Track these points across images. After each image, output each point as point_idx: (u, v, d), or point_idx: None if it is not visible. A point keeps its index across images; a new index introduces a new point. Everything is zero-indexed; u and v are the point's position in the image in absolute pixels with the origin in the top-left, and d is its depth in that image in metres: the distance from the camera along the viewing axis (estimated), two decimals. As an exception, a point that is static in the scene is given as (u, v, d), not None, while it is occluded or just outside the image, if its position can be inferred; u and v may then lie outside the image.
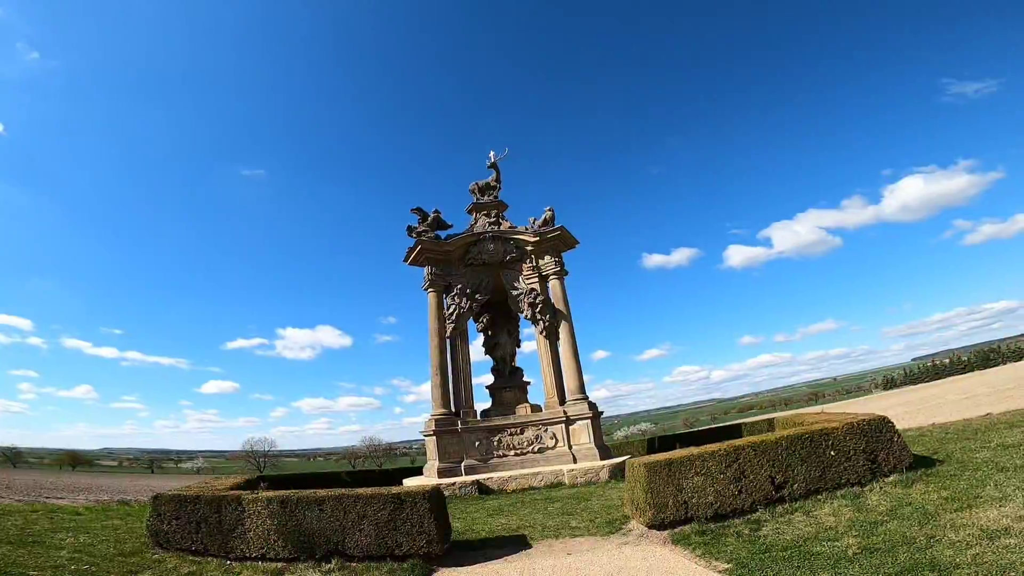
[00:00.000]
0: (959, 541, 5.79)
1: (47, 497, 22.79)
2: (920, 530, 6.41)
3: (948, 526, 6.34)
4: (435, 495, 8.83)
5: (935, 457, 10.38)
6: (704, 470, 8.80)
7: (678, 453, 9.40)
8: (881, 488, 8.67)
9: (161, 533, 9.52)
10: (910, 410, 35.27)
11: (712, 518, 8.54)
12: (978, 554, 5.33)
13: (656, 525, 8.69)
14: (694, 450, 9.32)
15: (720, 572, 6.43)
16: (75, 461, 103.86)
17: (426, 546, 8.29)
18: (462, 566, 8.18)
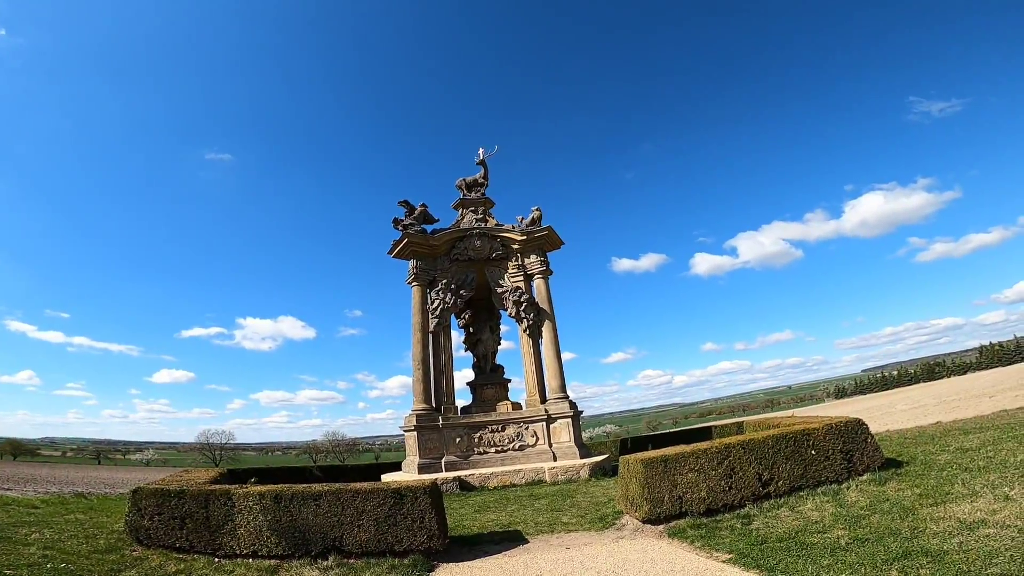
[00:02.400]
0: (941, 532, 6.24)
1: None
2: (903, 523, 6.86)
3: (928, 519, 6.81)
4: (435, 490, 8.82)
5: (900, 459, 11.01)
6: (698, 467, 9.13)
7: (672, 450, 9.72)
8: (857, 486, 9.17)
9: (142, 529, 9.10)
10: (863, 417, 37.15)
11: (704, 513, 8.88)
12: (963, 543, 5.77)
13: (652, 520, 8.96)
14: (687, 448, 9.65)
15: (723, 562, 6.71)
16: (16, 450, 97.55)
17: (427, 541, 8.27)
18: (463, 561, 8.20)
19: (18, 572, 7.08)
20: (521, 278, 21.28)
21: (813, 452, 9.68)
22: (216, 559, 8.44)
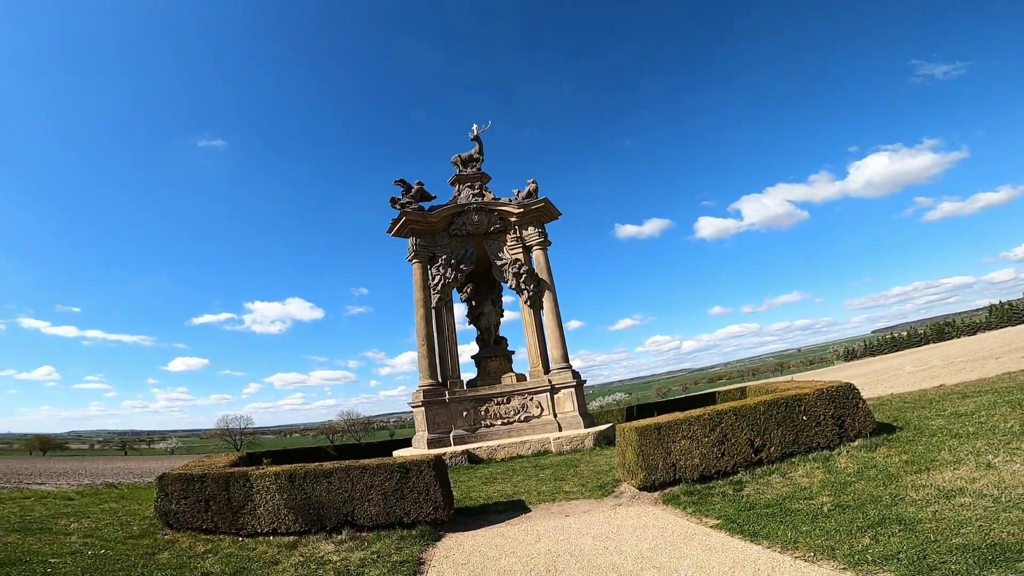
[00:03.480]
0: (920, 500, 6.48)
1: (28, 483, 22.56)
2: (885, 490, 7.12)
3: (910, 486, 7.04)
4: (439, 463, 9.26)
5: (895, 424, 11.11)
6: (690, 434, 9.38)
7: (666, 418, 9.97)
8: (848, 452, 9.34)
9: (170, 513, 9.65)
10: (870, 380, 37.38)
11: (698, 480, 9.21)
12: (937, 511, 6.01)
13: (647, 487, 9.34)
14: (680, 415, 9.90)
15: (711, 527, 7.09)
16: (45, 446, 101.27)
17: (433, 512, 8.75)
18: (468, 531, 8.68)
19: (63, 560, 7.58)
20: (520, 250, 21.49)
21: (805, 418, 9.77)
22: (240, 538, 8.96)
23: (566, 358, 20.41)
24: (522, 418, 19.54)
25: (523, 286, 20.76)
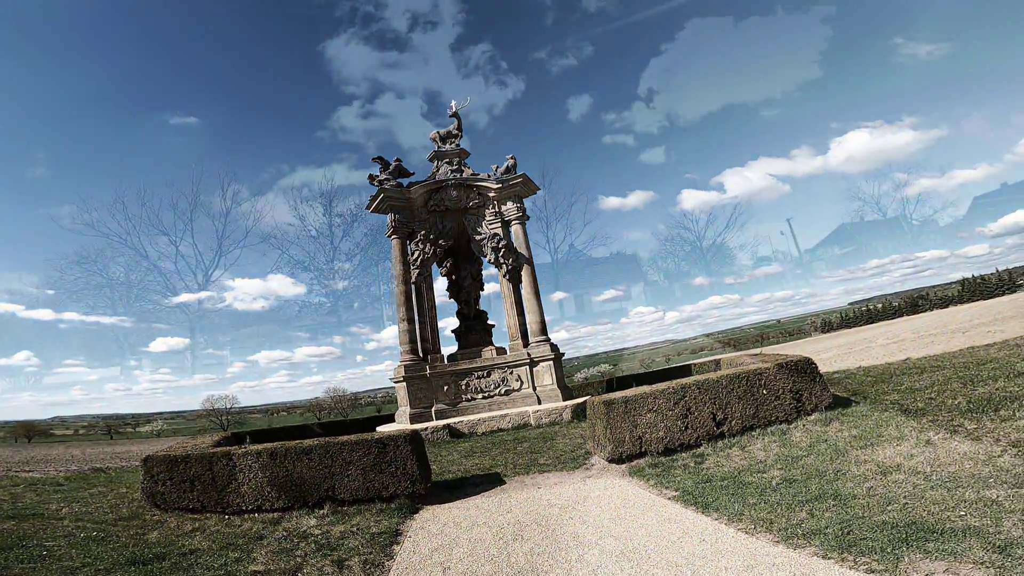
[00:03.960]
0: (859, 475, 6.97)
1: (16, 471, 22.57)
2: (831, 465, 7.63)
3: (853, 462, 7.55)
4: (415, 438, 9.62)
5: (854, 399, 11.55)
6: (656, 407, 9.78)
7: (633, 391, 10.36)
8: (804, 426, 9.78)
9: (157, 494, 9.88)
10: (842, 353, 38.53)
11: (663, 452, 9.67)
12: (872, 487, 6.48)
13: (615, 459, 9.82)
14: (647, 388, 10.29)
15: (669, 499, 7.60)
16: (30, 433, 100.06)
17: (410, 486, 9.14)
18: (445, 503, 9.13)
19: (56, 543, 7.84)
20: (498, 225, 21.69)
21: (765, 392, 10.15)
22: (226, 516, 9.23)
23: (545, 331, 20.83)
24: (502, 391, 20.01)
25: (502, 260, 21.02)
